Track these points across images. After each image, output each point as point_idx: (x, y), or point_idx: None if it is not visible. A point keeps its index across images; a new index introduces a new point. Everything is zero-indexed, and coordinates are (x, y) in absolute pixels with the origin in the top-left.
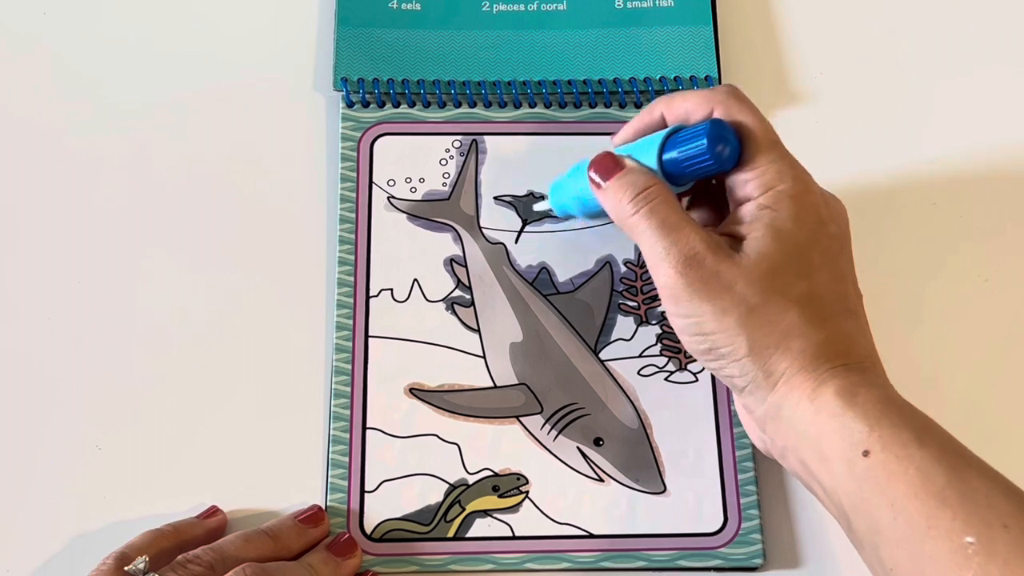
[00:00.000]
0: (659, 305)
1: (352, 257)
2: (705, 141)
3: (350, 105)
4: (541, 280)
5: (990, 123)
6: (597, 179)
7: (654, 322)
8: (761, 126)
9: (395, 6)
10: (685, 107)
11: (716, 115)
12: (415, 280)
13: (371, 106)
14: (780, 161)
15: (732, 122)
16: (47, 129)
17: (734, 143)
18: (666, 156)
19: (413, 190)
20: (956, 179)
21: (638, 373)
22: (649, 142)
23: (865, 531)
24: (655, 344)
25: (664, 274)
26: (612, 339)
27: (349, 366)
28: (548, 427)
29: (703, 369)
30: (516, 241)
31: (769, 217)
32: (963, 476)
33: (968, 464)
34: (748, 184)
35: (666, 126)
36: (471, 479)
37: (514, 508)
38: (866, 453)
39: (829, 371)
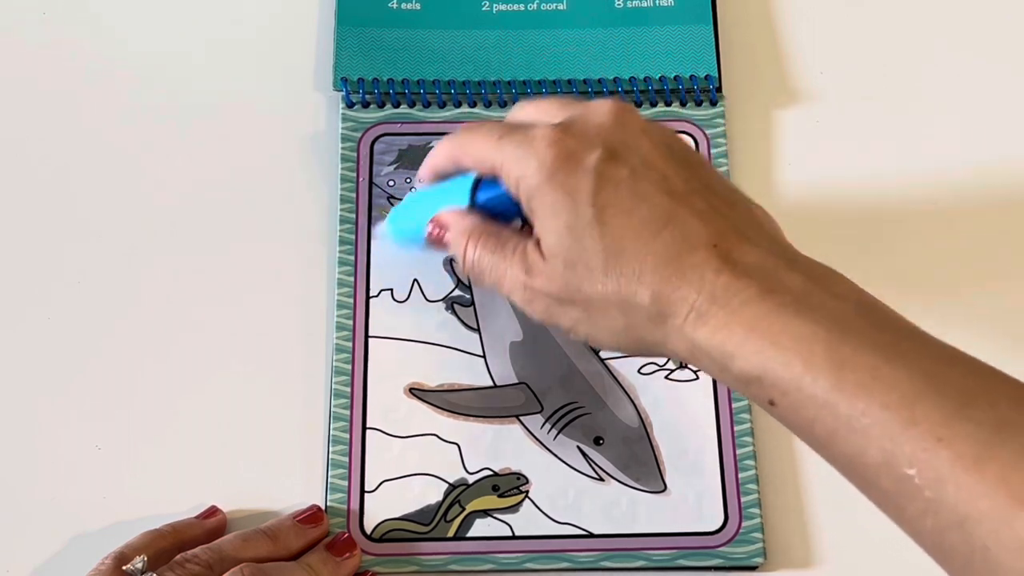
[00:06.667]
0: None
1: (352, 257)
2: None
3: (350, 105)
4: None
5: (991, 123)
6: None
7: None
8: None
9: (395, 6)
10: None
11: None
12: (415, 280)
13: (371, 106)
14: (524, 159)
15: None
16: (46, 129)
17: None
18: (479, 199)
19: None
20: (956, 179)
21: (638, 371)
22: (458, 185)
23: None
24: None
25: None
26: None
27: (349, 366)
28: (548, 426)
29: None
30: None
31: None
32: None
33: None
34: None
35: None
36: (471, 479)
37: (514, 508)
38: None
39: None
